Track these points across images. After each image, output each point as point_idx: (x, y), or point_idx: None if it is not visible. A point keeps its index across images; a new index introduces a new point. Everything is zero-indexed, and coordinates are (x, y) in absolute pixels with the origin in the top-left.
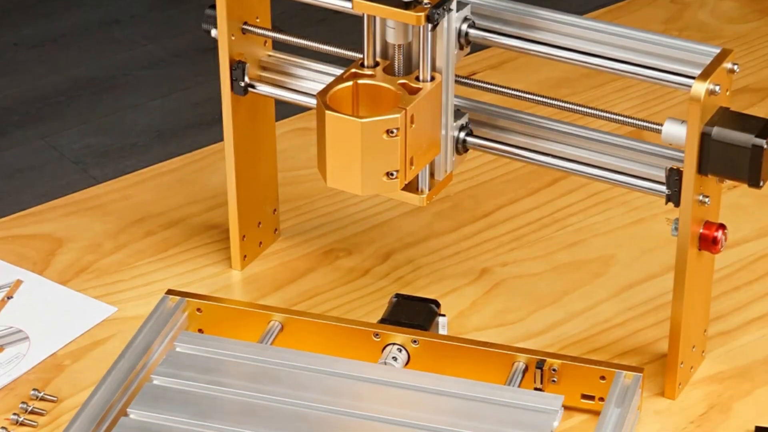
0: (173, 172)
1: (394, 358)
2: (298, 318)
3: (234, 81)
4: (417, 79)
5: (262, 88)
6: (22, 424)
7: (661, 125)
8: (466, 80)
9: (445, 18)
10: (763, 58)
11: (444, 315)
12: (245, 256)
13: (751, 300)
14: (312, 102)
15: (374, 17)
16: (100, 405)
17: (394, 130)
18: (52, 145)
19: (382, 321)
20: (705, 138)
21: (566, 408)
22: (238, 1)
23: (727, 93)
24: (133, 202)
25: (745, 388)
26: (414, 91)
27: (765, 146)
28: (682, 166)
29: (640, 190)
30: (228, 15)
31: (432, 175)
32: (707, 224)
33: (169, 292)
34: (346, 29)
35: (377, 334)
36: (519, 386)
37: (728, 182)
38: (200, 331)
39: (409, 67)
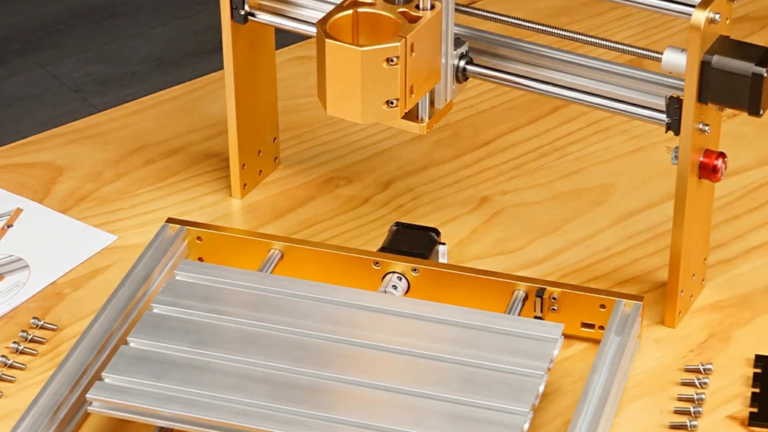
0: (173, 100)
1: (394, 287)
2: (298, 246)
3: (234, 9)
4: (417, 7)
5: (262, 17)
6: (22, 352)
7: (661, 54)
8: (466, 8)
9: None
10: None
11: (444, 243)
12: (245, 185)
13: (751, 228)
14: (312, 30)
15: None
16: (100, 333)
17: (394, 59)
18: (52, 74)
19: (382, 249)
20: (705, 66)
21: (566, 336)
22: None
23: (727, 21)
24: (133, 130)
25: (745, 316)
26: (414, 20)
27: (765, 74)
28: (682, 94)
29: (640, 118)
30: None
31: (432, 103)
32: (707, 152)
33: (169, 220)
34: None
35: (377, 263)
36: (519, 315)
37: (728, 111)
38: (200, 259)
39: None
